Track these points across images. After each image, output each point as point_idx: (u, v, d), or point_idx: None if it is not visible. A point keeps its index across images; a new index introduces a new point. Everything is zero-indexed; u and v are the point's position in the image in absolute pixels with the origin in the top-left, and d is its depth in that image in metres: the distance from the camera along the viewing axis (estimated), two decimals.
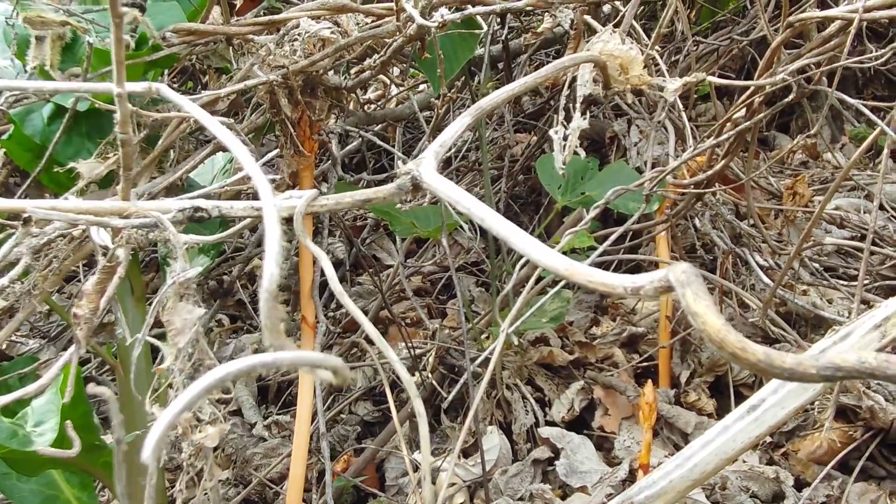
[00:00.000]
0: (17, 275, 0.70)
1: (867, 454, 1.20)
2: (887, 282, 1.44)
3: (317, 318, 1.19)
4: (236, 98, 1.10)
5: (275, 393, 1.86)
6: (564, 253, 1.55)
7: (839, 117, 2.40)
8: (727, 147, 1.20)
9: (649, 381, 1.20)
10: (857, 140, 2.27)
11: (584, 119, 0.83)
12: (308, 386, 1.11)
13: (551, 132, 0.82)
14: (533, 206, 2.27)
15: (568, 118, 0.91)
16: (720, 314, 0.29)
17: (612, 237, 1.31)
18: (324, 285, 1.70)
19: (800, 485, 1.19)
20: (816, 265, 1.40)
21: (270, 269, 0.33)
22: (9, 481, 1.06)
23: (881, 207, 1.89)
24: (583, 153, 0.92)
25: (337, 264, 2.13)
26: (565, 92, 0.83)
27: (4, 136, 0.99)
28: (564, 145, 0.83)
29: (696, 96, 2.14)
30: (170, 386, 0.52)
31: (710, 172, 1.23)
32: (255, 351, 1.91)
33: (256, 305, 2.12)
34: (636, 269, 1.81)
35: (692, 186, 1.31)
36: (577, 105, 0.83)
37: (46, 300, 0.99)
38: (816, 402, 1.27)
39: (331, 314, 1.99)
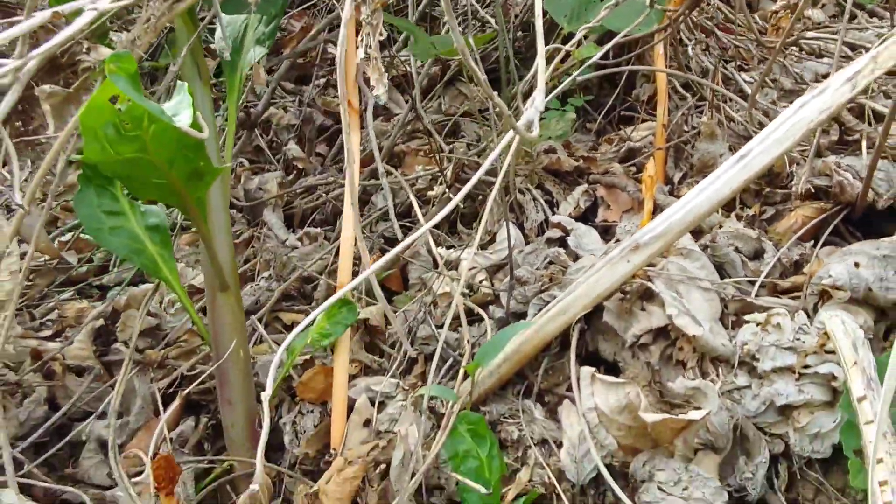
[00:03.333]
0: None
1: (833, 225, 1.39)
2: None
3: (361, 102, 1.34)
4: None
5: (300, 220, 2.03)
6: (567, 71, 1.68)
7: None
8: None
9: (651, 157, 1.38)
10: None
11: None
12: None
13: None
14: (531, 61, 2.40)
15: None
16: None
17: (612, 42, 1.47)
18: None
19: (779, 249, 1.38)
20: (797, 71, 1.57)
21: None
22: (102, 234, 1.22)
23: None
24: None
25: None
26: None
27: None
28: None
29: None
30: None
31: None
32: (279, 184, 2.06)
33: (274, 151, 2.26)
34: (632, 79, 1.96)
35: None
36: None
37: None
38: (794, 185, 1.46)
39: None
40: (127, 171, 0.97)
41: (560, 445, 1.20)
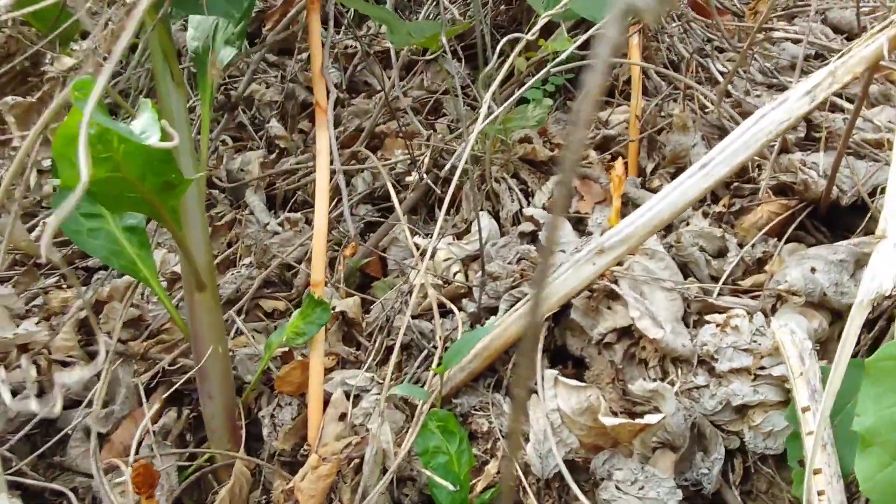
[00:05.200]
0: None
1: (798, 221, 1.42)
2: None
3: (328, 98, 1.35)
4: None
5: (281, 201, 2.05)
6: (547, 60, 1.69)
7: None
8: None
9: (619, 158, 1.41)
10: None
11: None
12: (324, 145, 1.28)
13: None
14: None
15: None
16: None
17: (587, 35, 1.48)
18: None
19: (742, 247, 1.41)
20: (768, 65, 1.59)
21: None
22: (81, 237, 1.25)
23: (835, 31, 2.07)
24: None
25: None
26: None
27: None
28: None
29: None
30: None
31: None
32: (261, 164, 2.08)
33: (256, 127, 2.27)
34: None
35: None
36: None
37: None
38: (762, 180, 1.49)
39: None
40: (101, 189, 0.99)
41: (528, 439, 1.25)
